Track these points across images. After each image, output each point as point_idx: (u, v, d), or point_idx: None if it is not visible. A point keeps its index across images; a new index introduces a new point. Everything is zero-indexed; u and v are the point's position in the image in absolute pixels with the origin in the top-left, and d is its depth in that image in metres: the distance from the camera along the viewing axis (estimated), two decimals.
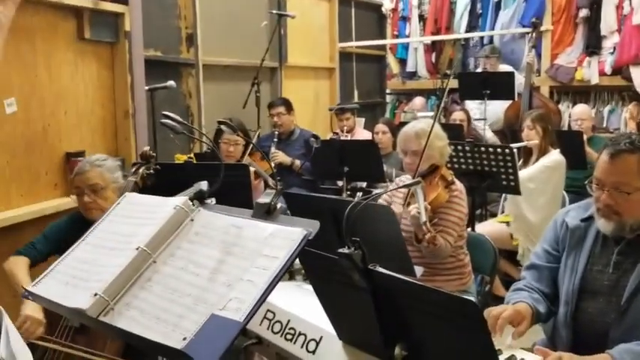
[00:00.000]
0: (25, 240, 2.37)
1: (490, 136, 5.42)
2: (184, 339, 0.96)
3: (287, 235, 1.09)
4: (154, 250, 1.17)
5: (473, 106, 5.56)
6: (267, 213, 1.18)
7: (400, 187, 2.29)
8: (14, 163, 2.65)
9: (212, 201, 1.35)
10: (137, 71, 3.25)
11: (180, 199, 1.27)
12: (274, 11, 4.95)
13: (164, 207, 1.26)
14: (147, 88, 3.43)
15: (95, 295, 1.07)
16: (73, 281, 1.17)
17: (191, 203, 1.28)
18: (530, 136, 3.83)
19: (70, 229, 2.35)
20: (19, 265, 2.21)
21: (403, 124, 4.80)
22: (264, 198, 1.21)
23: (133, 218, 1.29)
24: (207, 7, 4.45)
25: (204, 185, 1.36)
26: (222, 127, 3.46)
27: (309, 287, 1.70)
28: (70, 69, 2.90)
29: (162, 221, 1.21)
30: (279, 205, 1.22)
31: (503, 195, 4.05)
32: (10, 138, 2.63)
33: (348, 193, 3.64)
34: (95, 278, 1.13)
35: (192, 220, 1.23)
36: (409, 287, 1.17)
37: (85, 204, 2.26)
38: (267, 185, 3.30)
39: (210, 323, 0.97)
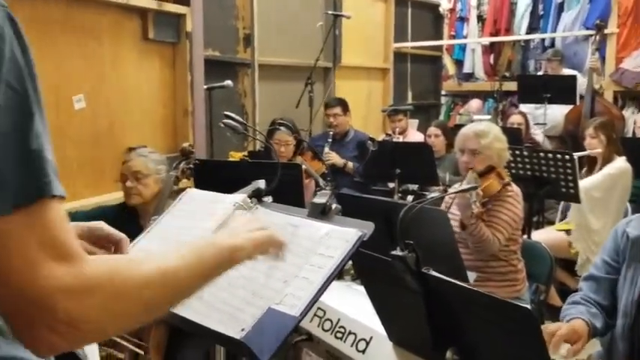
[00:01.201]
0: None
1: (542, 141, 5.27)
2: (242, 330, 0.99)
3: (342, 236, 1.11)
4: None
5: (528, 110, 5.41)
6: (322, 213, 1.21)
7: (457, 192, 2.27)
8: (81, 156, 2.78)
9: (269, 199, 1.39)
10: (197, 71, 3.34)
11: (240, 197, 1.31)
12: (330, 12, 4.98)
13: (224, 203, 1.30)
14: (205, 87, 3.53)
15: None
16: None
17: (249, 200, 1.32)
18: (593, 145, 3.72)
19: (113, 214, 2.50)
20: None
21: (458, 126, 4.78)
22: (319, 198, 1.24)
23: (195, 213, 1.34)
24: (264, 9, 4.53)
25: (262, 183, 1.40)
26: (279, 127, 3.54)
27: (359, 287, 1.72)
28: (134, 68, 3.02)
29: (222, 217, 1.26)
30: (334, 206, 1.24)
31: (562, 202, 3.94)
32: (78, 133, 2.76)
33: (399, 195, 3.63)
34: None
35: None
36: (463, 292, 1.17)
37: (127, 189, 2.44)
38: (317, 185, 3.33)
39: (267, 316, 1.00)
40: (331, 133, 4.54)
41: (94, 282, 0.67)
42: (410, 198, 3.70)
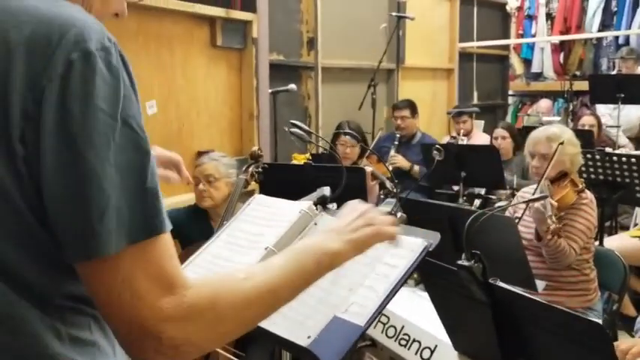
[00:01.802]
0: None
1: (625, 143, 5.05)
2: (309, 337, 1.01)
3: (408, 245, 1.11)
4: (280, 250, 1.24)
5: (605, 111, 5.20)
6: None
7: (528, 201, 2.20)
8: None
9: (334, 206, 1.41)
10: (262, 75, 3.41)
11: (305, 204, 1.33)
12: (394, 13, 4.96)
13: (290, 210, 1.33)
14: (270, 90, 3.59)
15: None
16: (208, 275, 1.27)
17: (315, 208, 1.34)
18: None
19: (185, 216, 2.63)
20: None
21: (526, 128, 4.65)
22: (384, 207, 1.25)
23: (262, 219, 1.38)
24: (328, 12, 4.56)
25: (326, 191, 1.42)
26: (345, 132, 3.56)
27: (423, 293, 1.71)
28: (203, 73, 3.12)
29: (288, 224, 1.29)
30: (399, 214, 1.25)
31: (637, 207, 3.77)
32: (150, 137, 2.86)
33: (465, 199, 3.57)
34: None
35: (315, 224, 1.29)
36: (531, 304, 1.15)
37: (200, 192, 2.53)
38: (382, 187, 3.32)
39: (333, 324, 1.02)
40: (398, 135, 4.51)
41: (196, 310, 0.70)
42: (477, 202, 3.63)
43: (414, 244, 1.11)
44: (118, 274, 0.68)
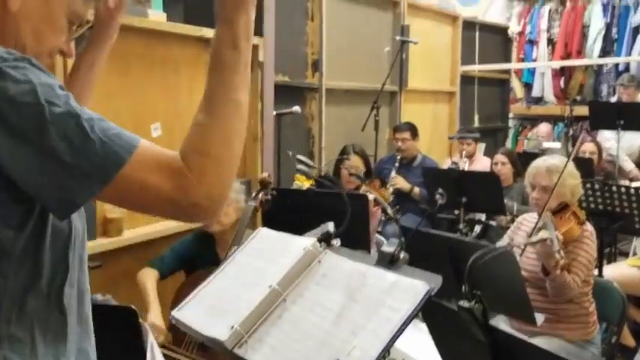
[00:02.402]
0: (160, 254, 2.64)
1: (631, 168, 5.07)
2: None
3: (410, 288, 1.13)
4: (284, 289, 1.26)
5: (609, 135, 5.19)
6: (390, 262, 1.24)
7: (534, 243, 2.20)
8: None
9: (337, 242, 1.42)
10: (267, 98, 3.44)
11: (309, 241, 1.35)
12: (398, 37, 5.01)
13: (294, 246, 1.35)
14: (275, 112, 3.62)
15: (232, 327, 1.18)
16: (212, 311, 1.29)
17: (319, 245, 1.36)
18: None
19: (195, 245, 2.62)
20: (150, 277, 2.47)
21: (527, 154, 4.68)
22: (388, 247, 1.27)
23: (266, 254, 1.40)
24: (333, 35, 4.61)
25: (330, 226, 1.44)
26: (348, 157, 3.57)
27: (424, 326, 1.72)
28: None
29: (292, 261, 1.31)
30: (402, 255, 1.27)
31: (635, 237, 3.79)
32: None
33: (465, 224, 3.59)
34: (232, 311, 1.24)
35: (319, 261, 1.31)
36: (532, 350, 1.17)
37: None
38: (384, 212, 3.35)
39: None
40: (398, 157, 4.54)
41: (200, 170, 0.88)
42: (477, 228, 3.65)
43: (416, 287, 1.13)
44: (131, 187, 0.86)
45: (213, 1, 0.97)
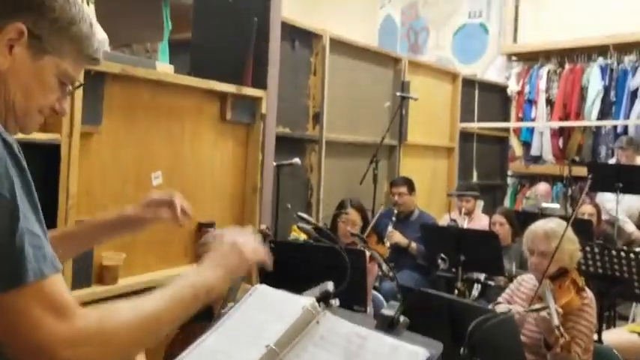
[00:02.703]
0: None
1: (633, 230, 5.06)
2: None
3: (410, 355, 1.11)
4: (281, 349, 1.23)
5: (610, 196, 5.21)
6: (390, 326, 1.21)
7: (538, 309, 2.17)
8: (155, 230, 2.88)
9: (336, 302, 1.40)
10: (268, 149, 3.47)
11: (308, 300, 1.33)
12: (398, 93, 5.10)
13: (293, 305, 1.33)
14: (275, 164, 3.64)
15: None
16: None
17: (317, 305, 1.34)
18: None
19: None
20: None
21: (525, 213, 4.68)
22: (388, 310, 1.25)
23: (263, 313, 1.37)
24: (334, 88, 4.70)
25: (330, 286, 1.42)
26: (347, 211, 3.56)
27: None
28: (210, 147, 3.17)
29: (290, 320, 1.28)
30: (402, 319, 1.24)
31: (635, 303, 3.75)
32: None
33: (462, 283, 3.56)
34: None
35: (317, 322, 1.29)
36: None
37: None
38: (381, 268, 3.32)
39: None
40: (395, 211, 4.54)
41: (85, 333, 0.86)
42: (476, 287, 3.61)
43: (416, 354, 1.10)
44: (12, 309, 0.82)
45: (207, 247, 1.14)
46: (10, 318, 0.83)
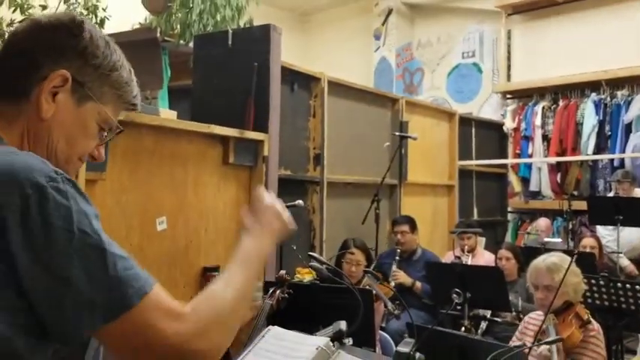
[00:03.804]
0: None
1: (627, 264, 5.05)
2: None
3: None
4: None
5: (604, 232, 5.25)
6: None
7: (544, 343, 2.17)
8: (159, 277, 2.87)
9: (349, 341, 1.40)
10: (271, 191, 3.49)
11: (322, 340, 1.33)
12: (397, 133, 5.15)
13: (307, 346, 1.33)
14: None
15: None
16: None
17: (331, 344, 1.34)
18: None
19: None
20: None
21: (529, 248, 4.67)
22: (403, 347, 1.25)
23: (278, 354, 1.37)
24: (334, 130, 4.75)
25: (343, 325, 1.43)
26: (352, 251, 3.57)
27: None
28: (213, 190, 3.20)
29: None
30: (417, 356, 1.24)
31: None
32: (157, 252, 2.89)
33: (469, 321, 3.53)
34: None
35: None
36: None
37: None
38: (387, 307, 3.30)
39: None
40: (398, 250, 4.53)
41: (204, 322, 0.92)
42: (483, 324, 3.58)
43: None
44: (132, 330, 0.87)
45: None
46: (137, 338, 0.87)
